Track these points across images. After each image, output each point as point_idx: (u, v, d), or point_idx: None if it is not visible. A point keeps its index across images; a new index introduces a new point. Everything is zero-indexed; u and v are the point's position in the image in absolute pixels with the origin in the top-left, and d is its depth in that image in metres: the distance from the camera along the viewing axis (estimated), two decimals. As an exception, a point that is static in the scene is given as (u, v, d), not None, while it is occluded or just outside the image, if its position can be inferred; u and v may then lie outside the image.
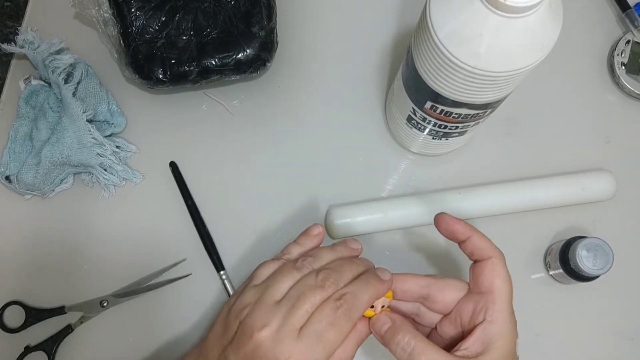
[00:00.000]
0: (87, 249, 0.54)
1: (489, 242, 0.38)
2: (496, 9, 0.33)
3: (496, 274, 0.37)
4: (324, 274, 0.37)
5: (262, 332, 0.34)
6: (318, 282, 0.36)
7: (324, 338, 0.34)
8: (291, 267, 0.38)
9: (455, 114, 0.43)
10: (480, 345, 0.35)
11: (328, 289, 0.36)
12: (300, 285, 0.37)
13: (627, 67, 0.58)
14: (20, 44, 0.55)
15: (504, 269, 0.37)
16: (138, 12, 0.52)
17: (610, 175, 0.54)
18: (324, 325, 0.35)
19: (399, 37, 0.60)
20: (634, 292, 0.54)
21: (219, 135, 0.57)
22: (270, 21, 0.54)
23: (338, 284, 0.36)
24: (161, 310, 0.53)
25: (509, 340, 0.36)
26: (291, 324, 0.35)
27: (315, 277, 0.37)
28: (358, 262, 0.39)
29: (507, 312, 0.36)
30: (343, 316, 0.35)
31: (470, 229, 0.38)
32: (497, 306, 0.36)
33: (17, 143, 0.54)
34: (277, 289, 0.37)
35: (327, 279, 0.36)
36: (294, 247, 0.42)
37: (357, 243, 0.42)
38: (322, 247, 0.41)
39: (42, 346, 0.50)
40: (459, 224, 0.39)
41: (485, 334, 0.35)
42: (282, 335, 0.34)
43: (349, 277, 0.37)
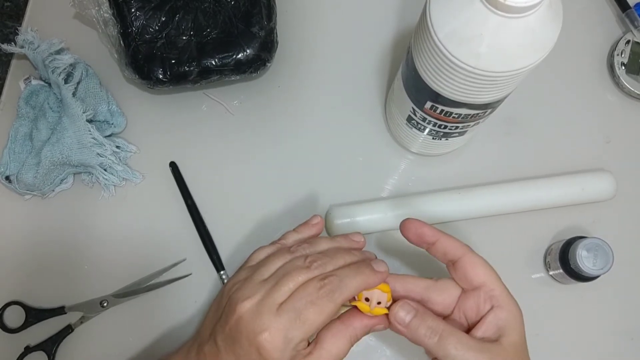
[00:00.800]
0: (87, 249, 0.54)
1: (456, 240, 0.39)
2: (496, 9, 0.33)
3: (478, 266, 0.38)
4: (313, 257, 0.37)
5: (244, 304, 0.35)
6: (305, 263, 0.37)
7: (302, 315, 0.35)
8: (285, 251, 0.39)
9: (455, 114, 0.43)
10: (495, 329, 0.36)
11: (314, 271, 0.36)
12: (288, 265, 0.37)
13: (627, 67, 0.58)
14: (20, 44, 0.55)
15: (480, 258, 0.38)
16: (138, 12, 0.52)
17: (610, 175, 0.54)
18: (304, 303, 0.35)
19: (399, 37, 0.60)
20: (634, 292, 0.54)
21: (219, 135, 0.57)
22: (270, 21, 0.54)
23: (325, 267, 0.37)
24: (161, 310, 0.53)
25: (520, 320, 0.37)
26: (272, 299, 0.35)
27: (304, 260, 0.37)
28: (356, 252, 0.39)
29: (509, 295, 0.37)
30: (325, 296, 0.35)
31: (438, 231, 0.39)
32: (497, 292, 0.37)
33: (17, 143, 0.54)
34: (268, 269, 0.38)
35: (315, 261, 0.37)
36: (291, 234, 0.43)
37: (359, 236, 0.42)
38: (322, 236, 0.42)
39: (42, 346, 0.50)
40: (427, 226, 0.39)
41: (498, 318, 0.36)
42: (261, 308, 0.35)
43: (340, 264, 0.37)
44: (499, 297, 0.37)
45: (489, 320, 0.36)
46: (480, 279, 0.37)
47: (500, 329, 0.36)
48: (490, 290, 0.37)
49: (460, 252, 0.38)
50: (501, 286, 0.37)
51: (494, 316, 0.36)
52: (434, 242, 0.38)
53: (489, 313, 0.37)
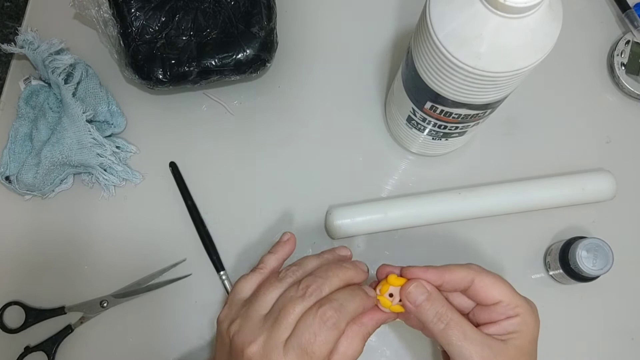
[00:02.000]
0: (87, 249, 0.54)
1: (460, 268, 0.38)
2: (496, 9, 0.33)
3: (489, 287, 0.37)
4: (305, 282, 0.36)
5: (250, 348, 0.35)
6: (299, 292, 0.36)
7: (309, 349, 0.34)
8: (274, 279, 0.38)
9: (455, 114, 0.43)
10: (505, 332, 0.36)
11: (309, 298, 0.36)
12: (282, 298, 0.36)
13: (626, 68, 0.58)
14: (20, 44, 0.55)
15: (490, 276, 0.37)
16: (138, 12, 0.52)
17: (610, 175, 0.54)
18: (308, 337, 0.34)
19: (398, 38, 0.60)
20: (634, 292, 0.54)
21: (219, 135, 0.57)
22: (270, 21, 0.54)
23: (321, 291, 0.36)
24: (161, 311, 0.53)
25: (533, 328, 0.37)
26: (276, 338, 0.35)
27: (297, 288, 0.36)
28: (348, 265, 0.39)
29: (525, 305, 0.37)
30: (327, 325, 0.35)
31: (440, 271, 0.38)
32: (512, 305, 0.37)
33: (17, 143, 0.54)
34: (262, 303, 0.37)
35: (308, 287, 0.36)
36: (269, 257, 0.42)
37: (345, 250, 0.41)
38: (308, 255, 0.41)
39: (42, 346, 0.50)
40: (428, 272, 0.38)
41: (510, 323, 0.36)
42: (268, 349, 0.34)
43: (335, 283, 0.37)
44: (516, 308, 0.36)
45: (502, 325, 0.36)
46: (495, 299, 0.37)
47: (511, 332, 0.36)
48: (506, 305, 0.37)
49: (469, 279, 0.37)
50: (516, 299, 0.37)
51: (508, 323, 0.36)
52: (440, 285, 0.38)
53: (502, 321, 0.37)
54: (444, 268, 0.38)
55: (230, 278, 0.53)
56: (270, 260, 0.41)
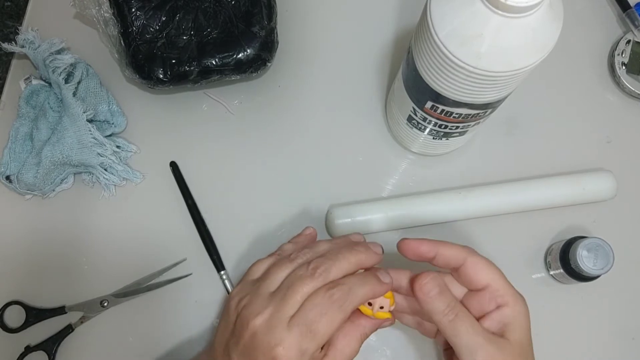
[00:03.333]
0: (88, 248, 0.54)
1: (455, 246, 0.38)
2: (497, 9, 0.33)
3: (480, 268, 0.38)
4: (315, 263, 0.37)
5: (256, 320, 0.36)
6: (308, 272, 0.37)
7: (313, 327, 0.35)
8: (285, 260, 0.39)
9: (456, 113, 0.43)
10: (499, 325, 0.36)
11: (318, 278, 0.36)
12: (291, 276, 0.37)
13: (627, 67, 0.58)
14: (21, 44, 0.55)
15: (482, 260, 0.38)
16: (138, 12, 0.52)
17: (611, 175, 0.54)
18: (314, 315, 0.35)
19: (399, 37, 0.60)
20: (634, 292, 0.54)
21: (220, 135, 0.57)
22: (271, 21, 0.54)
23: (329, 272, 0.37)
24: (161, 310, 0.53)
25: (525, 318, 0.37)
26: (282, 313, 0.35)
27: (306, 268, 0.37)
28: (359, 248, 0.39)
29: (514, 293, 0.37)
30: (335, 306, 0.35)
31: (435, 244, 0.38)
32: (501, 291, 0.37)
33: (17, 143, 0.54)
34: (272, 281, 0.38)
35: (317, 267, 0.37)
36: (287, 245, 0.43)
37: (359, 236, 0.42)
38: (322, 240, 0.42)
39: (42, 346, 0.50)
40: (423, 243, 0.39)
41: (503, 315, 0.37)
42: (273, 322, 0.35)
43: (344, 266, 0.37)
44: (504, 296, 0.37)
45: (493, 317, 0.37)
46: (484, 282, 0.37)
47: (505, 325, 0.36)
48: (495, 291, 0.37)
49: (461, 258, 0.38)
50: (506, 285, 0.37)
51: (499, 313, 0.37)
52: (434, 256, 0.38)
53: (493, 311, 0.37)
54: (438, 242, 0.38)
55: (231, 278, 0.53)
56: (288, 248, 0.42)
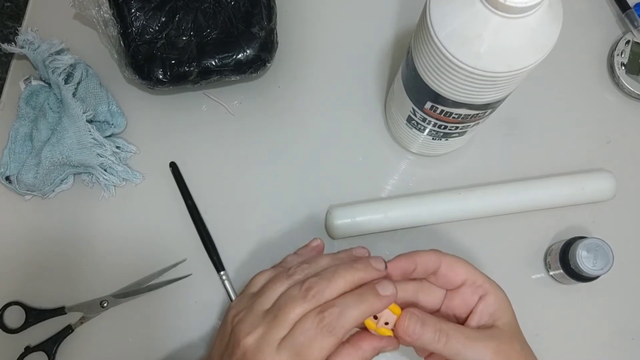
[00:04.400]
0: (87, 249, 0.54)
1: (427, 252, 0.39)
2: (496, 9, 0.33)
3: (455, 266, 0.38)
4: (309, 282, 0.36)
5: (247, 339, 0.35)
6: (301, 292, 0.35)
7: (302, 352, 0.33)
8: (283, 275, 0.38)
9: (455, 114, 0.43)
10: (488, 316, 0.37)
11: (311, 300, 0.35)
12: (284, 296, 0.36)
13: (627, 68, 0.58)
14: (21, 44, 0.55)
15: (454, 258, 0.39)
16: (138, 12, 0.52)
17: (610, 175, 0.54)
18: (304, 340, 0.34)
19: (399, 37, 0.60)
20: (634, 292, 0.54)
21: (219, 135, 0.57)
22: (270, 21, 0.54)
23: (323, 293, 0.35)
24: (161, 311, 0.53)
25: (508, 302, 0.38)
26: (272, 334, 0.34)
27: (300, 288, 0.35)
28: (358, 266, 0.37)
29: (491, 281, 0.38)
30: (325, 331, 0.34)
31: (410, 255, 0.38)
32: (479, 282, 0.38)
33: (17, 143, 0.54)
34: (268, 297, 0.37)
35: (311, 288, 0.35)
36: (292, 257, 0.42)
37: (363, 250, 0.40)
38: (324, 254, 0.40)
39: (42, 346, 0.50)
40: (400, 260, 0.38)
41: (488, 305, 0.37)
42: (263, 344, 0.34)
43: (340, 285, 0.36)
44: (483, 285, 0.38)
45: (480, 310, 0.37)
46: (461, 277, 0.38)
47: (493, 314, 0.37)
48: (473, 283, 0.38)
49: (437, 260, 0.38)
50: (482, 276, 0.38)
51: (484, 304, 0.37)
52: (415, 267, 0.38)
53: (478, 303, 0.38)
54: (412, 253, 0.39)
55: (231, 278, 0.53)
56: (291, 260, 0.41)
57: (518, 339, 0.37)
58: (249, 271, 0.53)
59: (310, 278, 0.36)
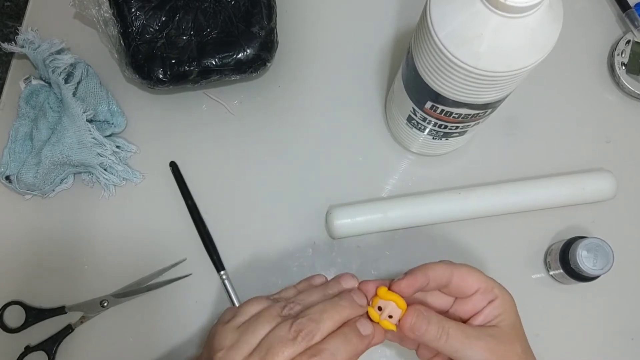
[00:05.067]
0: (88, 249, 0.54)
1: (439, 264, 0.38)
2: (496, 9, 0.33)
3: (467, 277, 0.38)
4: (298, 325, 0.35)
5: None
6: (291, 334, 0.35)
7: None
8: (274, 311, 0.37)
9: (456, 114, 0.43)
10: (492, 317, 0.38)
11: (300, 343, 0.34)
12: (272, 336, 0.35)
13: (627, 67, 0.58)
14: (21, 44, 0.55)
15: (465, 267, 0.39)
16: (138, 12, 0.52)
17: (610, 175, 0.54)
18: None
19: (399, 37, 0.60)
20: (634, 292, 0.54)
21: (219, 135, 0.57)
22: (271, 21, 0.54)
23: (312, 336, 0.35)
24: (161, 311, 0.53)
25: (513, 304, 0.38)
26: None
27: (288, 328, 0.35)
28: (344, 303, 0.37)
29: (500, 286, 0.39)
30: None
31: (422, 269, 0.38)
32: (490, 290, 0.38)
33: (17, 143, 0.54)
34: (254, 334, 0.36)
35: (300, 331, 0.35)
36: (290, 290, 0.41)
37: (352, 280, 0.40)
38: (313, 288, 0.40)
39: (42, 346, 0.50)
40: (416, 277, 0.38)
41: (494, 307, 0.38)
42: None
43: (329, 327, 0.36)
44: (493, 291, 0.38)
45: (487, 312, 0.38)
46: (474, 288, 0.38)
47: (496, 315, 0.38)
48: (485, 291, 0.38)
49: (449, 273, 0.38)
50: (493, 284, 0.38)
51: (491, 307, 0.38)
52: (428, 282, 0.38)
53: (486, 306, 0.38)
54: (424, 267, 0.38)
55: (231, 278, 0.53)
56: (289, 294, 0.40)
57: (520, 342, 0.37)
58: (248, 271, 0.53)
59: (300, 319, 0.35)
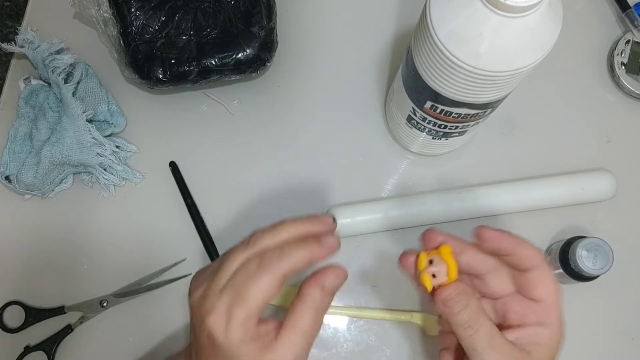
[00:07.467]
0: (87, 248, 0.54)
1: (531, 248, 0.35)
2: (496, 8, 0.33)
3: (546, 283, 0.35)
4: (254, 237, 0.36)
5: (193, 295, 0.35)
6: (245, 242, 0.36)
7: (241, 291, 0.33)
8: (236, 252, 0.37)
9: (455, 113, 0.43)
10: (530, 342, 0.35)
11: (252, 248, 0.35)
12: (228, 250, 0.36)
13: (627, 67, 0.58)
14: (20, 44, 0.55)
15: (549, 274, 0.36)
16: (138, 12, 0.52)
17: (610, 175, 0.54)
18: (242, 279, 0.33)
19: (399, 37, 0.60)
20: (634, 292, 0.54)
21: (219, 135, 0.57)
22: (270, 21, 0.54)
23: (264, 241, 0.35)
24: (161, 310, 0.53)
25: (556, 343, 0.35)
26: (215, 283, 0.34)
27: (246, 242, 0.36)
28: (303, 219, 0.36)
29: (559, 318, 0.35)
30: (263, 269, 0.33)
31: (515, 242, 0.35)
32: (550, 313, 0.35)
33: (16, 143, 0.54)
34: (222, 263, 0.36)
35: (255, 241, 0.35)
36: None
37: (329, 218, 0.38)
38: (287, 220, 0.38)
39: (42, 346, 0.50)
40: (505, 239, 0.35)
41: (538, 335, 0.35)
42: (207, 293, 0.34)
43: (284, 236, 0.35)
44: (550, 318, 0.35)
45: (529, 332, 0.35)
46: (541, 295, 0.35)
47: (535, 344, 0.35)
48: (545, 309, 0.35)
49: (531, 264, 0.35)
50: (557, 308, 0.36)
51: (535, 331, 0.35)
52: (509, 254, 0.35)
53: (531, 325, 0.35)
54: (517, 240, 0.35)
55: (230, 278, 0.53)
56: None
57: None
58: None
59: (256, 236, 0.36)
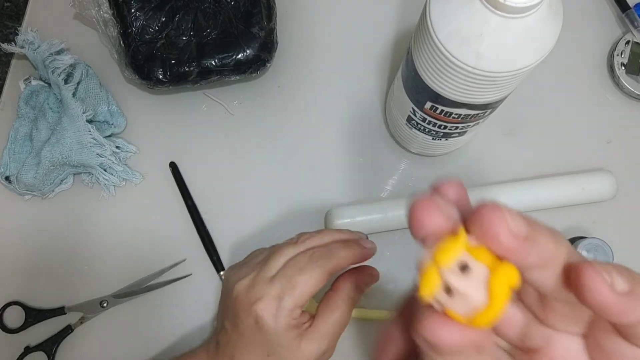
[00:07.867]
0: (87, 249, 0.54)
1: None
2: (496, 9, 0.33)
3: None
4: (301, 238, 0.40)
5: (239, 283, 0.38)
6: (292, 241, 0.40)
7: (292, 280, 0.36)
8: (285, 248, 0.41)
9: (455, 114, 0.43)
10: None
11: (300, 245, 0.39)
12: (276, 245, 0.40)
13: (626, 68, 0.58)
14: (21, 44, 0.55)
15: None
16: (138, 12, 0.52)
17: (611, 175, 0.54)
18: (294, 270, 0.37)
19: (399, 37, 0.60)
20: (634, 292, 0.54)
21: (219, 135, 0.57)
22: (270, 21, 0.54)
23: (312, 241, 0.39)
24: (161, 311, 0.53)
25: None
26: (264, 272, 0.37)
27: (295, 241, 0.40)
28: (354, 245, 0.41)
29: None
30: (313, 263, 0.37)
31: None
32: None
33: (17, 143, 0.54)
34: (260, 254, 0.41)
35: (304, 241, 0.39)
36: None
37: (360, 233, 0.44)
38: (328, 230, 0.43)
39: (42, 346, 0.50)
40: None
41: None
42: (255, 282, 0.37)
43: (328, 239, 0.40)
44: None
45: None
46: None
47: None
48: None
49: None
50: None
51: None
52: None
53: None
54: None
55: (230, 278, 0.53)
56: None
57: None
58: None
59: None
